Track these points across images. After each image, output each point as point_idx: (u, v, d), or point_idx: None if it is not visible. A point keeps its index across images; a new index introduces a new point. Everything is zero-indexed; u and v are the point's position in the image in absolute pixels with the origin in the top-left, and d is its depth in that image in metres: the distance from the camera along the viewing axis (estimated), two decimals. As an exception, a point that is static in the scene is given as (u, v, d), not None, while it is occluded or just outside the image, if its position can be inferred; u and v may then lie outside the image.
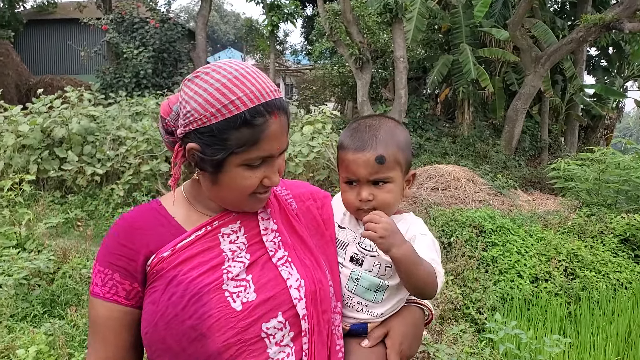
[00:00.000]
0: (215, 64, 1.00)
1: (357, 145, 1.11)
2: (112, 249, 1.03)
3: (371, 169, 1.10)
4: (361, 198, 1.11)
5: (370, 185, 1.11)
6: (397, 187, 1.13)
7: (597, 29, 10.34)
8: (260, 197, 1.05)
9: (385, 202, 1.12)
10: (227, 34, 42.51)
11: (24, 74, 16.54)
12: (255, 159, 0.98)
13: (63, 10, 18.88)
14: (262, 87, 0.97)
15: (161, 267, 0.99)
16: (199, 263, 0.99)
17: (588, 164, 7.37)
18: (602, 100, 14.63)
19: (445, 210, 6.09)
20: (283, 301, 0.99)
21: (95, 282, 1.02)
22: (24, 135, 7.28)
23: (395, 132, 1.14)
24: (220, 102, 0.94)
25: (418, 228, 1.15)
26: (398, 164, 1.12)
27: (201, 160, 0.98)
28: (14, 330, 3.43)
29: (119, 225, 1.06)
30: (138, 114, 9.42)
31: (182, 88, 1.00)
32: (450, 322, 4.06)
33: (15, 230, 5.02)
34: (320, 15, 12.38)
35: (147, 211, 1.08)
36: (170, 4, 16.14)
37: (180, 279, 0.97)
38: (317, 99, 17.71)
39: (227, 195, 1.03)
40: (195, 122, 0.96)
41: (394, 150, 1.11)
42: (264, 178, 1.02)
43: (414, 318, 1.17)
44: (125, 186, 7.14)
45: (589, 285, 4.89)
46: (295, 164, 7.40)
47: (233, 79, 0.95)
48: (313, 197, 1.24)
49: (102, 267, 1.02)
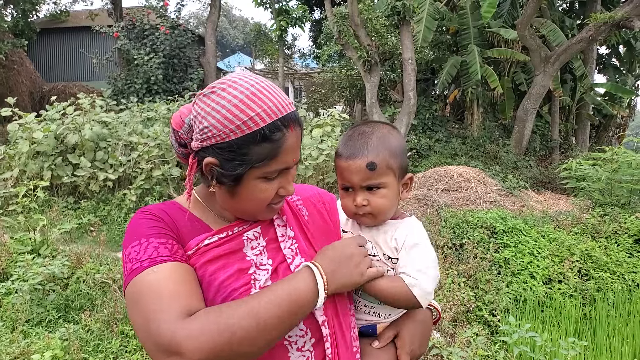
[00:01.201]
0: (230, 78, 1.01)
1: (350, 153, 1.14)
2: (155, 225, 1.00)
3: (363, 175, 1.13)
4: (356, 204, 1.15)
5: (364, 191, 1.14)
6: (391, 192, 1.16)
7: (606, 28, 10.23)
8: (274, 207, 1.07)
9: (379, 207, 1.15)
10: (236, 38, 42.74)
11: (38, 82, 16.78)
12: (273, 172, 1.01)
13: (75, 19, 19.13)
14: (278, 101, 0.99)
15: (191, 263, 0.99)
16: (224, 264, 1.00)
17: (600, 163, 7.29)
18: (613, 99, 14.47)
19: (456, 212, 6.06)
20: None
21: (157, 253, 0.95)
22: (38, 142, 7.39)
23: (388, 139, 1.17)
24: (239, 118, 0.95)
25: (415, 237, 1.16)
26: (390, 170, 1.15)
27: (220, 174, 0.99)
28: (29, 335, 3.47)
29: (151, 211, 1.04)
30: (149, 119, 9.51)
31: (196, 102, 1.01)
32: (463, 324, 4.03)
33: (30, 236, 5.09)
34: (328, 19, 12.41)
35: (169, 205, 1.09)
36: (179, 10, 16.29)
37: (209, 279, 0.98)
38: (326, 101, 17.74)
39: (244, 206, 1.04)
40: (214, 138, 0.97)
41: (385, 156, 1.14)
42: (280, 188, 1.04)
43: (422, 318, 1.20)
44: (137, 191, 7.21)
45: (603, 287, 4.82)
46: (305, 166, 7.43)
47: (251, 95, 0.96)
48: (322, 199, 1.26)
49: (158, 239, 0.97)
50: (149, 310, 0.88)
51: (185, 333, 0.84)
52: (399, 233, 1.16)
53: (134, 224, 1.02)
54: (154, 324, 0.86)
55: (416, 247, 1.14)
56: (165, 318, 0.86)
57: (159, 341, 0.85)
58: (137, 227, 1.01)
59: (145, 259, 0.94)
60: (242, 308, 0.89)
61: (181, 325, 0.85)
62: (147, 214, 1.04)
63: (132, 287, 0.93)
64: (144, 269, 0.92)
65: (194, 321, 0.86)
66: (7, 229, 5.92)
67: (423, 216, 6.32)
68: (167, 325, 0.85)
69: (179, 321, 0.86)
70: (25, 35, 15.68)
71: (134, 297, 0.92)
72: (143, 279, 0.91)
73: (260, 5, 15.62)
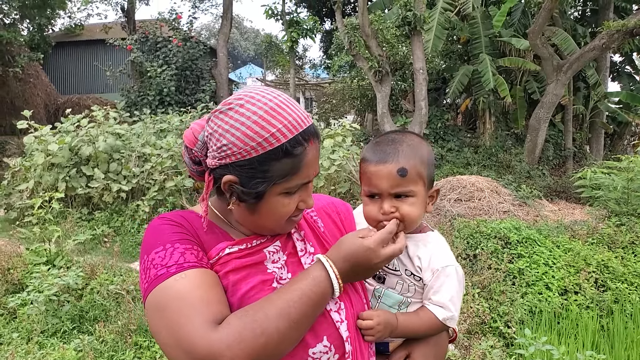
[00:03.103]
0: (247, 94, 0.98)
1: (379, 158, 1.10)
2: (179, 231, 0.99)
3: (393, 181, 1.08)
4: (383, 211, 1.09)
5: (392, 198, 1.09)
6: (420, 202, 1.11)
7: (620, 36, 10.16)
8: (294, 220, 1.06)
9: (408, 215, 1.09)
10: (247, 50, 43.17)
11: (53, 94, 17.07)
12: (295, 186, 0.99)
13: (89, 32, 19.48)
14: (297, 115, 0.97)
15: (215, 270, 0.98)
16: (246, 276, 0.99)
17: (616, 172, 7.19)
18: (628, 107, 14.31)
19: (470, 222, 6.01)
20: (327, 325, 1.00)
21: (184, 259, 0.93)
22: (53, 154, 7.49)
23: (419, 147, 1.13)
24: (260, 135, 0.93)
25: (441, 259, 1.13)
26: (420, 178, 1.10)
27: (241, 192, 0.97)
28: (44, 346, 3.50)
29: (172, 218, 1.03)
30: (162, 131, 9.60)
31: (212, 119, 0.99)
32: (478, 336, 3.98)
33: (46, 247, 5.15)
34: (338, 29, 12.48)
35: (187, 213, 1.07)
36: (192, 23, 16.52)
37: (232, 289, 0.96)
38: (337, 112, 17.79)
39: (264, 222, 1.03)
40: (234, 156, 0.95)
41: (416, 163, 1.10)
42: (300, 202, 1.03)
43: (436, 340, 1.16)
44: (150, 202, 7.26)
45: (621, 298, 4.73)
46: (317, 177, 7.43)
47: (270, 111, 0.94)
48: (336, 209, 1.25)
49: (184, 244, 0.96)
50: (179, 317, 0.85)
51: (223, 342, 0.83)
52: (422, 252, 1.14)
53: (155, 230, 0.99)
54: (185, 332, 0.84)
55: (444, 271, 1.11)
56: (197, 326, 0.84)
57: (192, 350, 0.83)
58: (159, 232, 0.98)
59: (172, 265, 0.91)
60: (272, 310, 0.88)
61: (217, 333, 0.83)
62: (167, 220, 1.01)
63: (158, 293, 0.89)
64: (170, 275, 0.90)
65: (228, 328, 0.85)
66: (23, 240, 6.00)
67: (436, 226, 6.27)
68: (202, 334, 0.83)
69: (212, 329, 0.84)
70: (41, 49, 15.99)
71: (160, 304, 0.88)
72: (171, 285, 0.89)
73: (271, 17, 15.75)
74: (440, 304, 1.10)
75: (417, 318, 1.11)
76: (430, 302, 1.12)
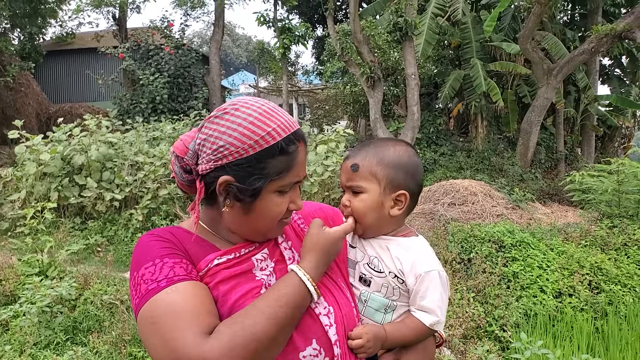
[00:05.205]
0: (239, 100, 1.05)
1: (347, 155, 1.22)
2: (168, 246, 1.02)
3: (347, 175, 1.18)
4: (342, 203, 1.19)
5: (350, 192, 1.18)
6: (371, 200, 1.15)
7: (608, 39, 10.28)
8: (285, 222, 1.10)
9: (356, 210, 1.16)
10: (239, 57, 43.19)
11: (44, 103, 16.95)
12: (288, 184, 1.04)
13: (81, 41, 19.40)
14: (287, 119, 1.05)
15: (205, 282, 1.00)
16: (235, 285, 1.01)
17: (606, 175, 7.25)
18: (618, 110, 14.46)
19: (463, 226, 6.03)
20: (316, 329, 1.03)
21: (173, 273, 0.95)
22: (45, 163, 7.44)
23: (386, 150, 1.18)
24: (257, 133, 0.99)
25: (424, 264, 1.14)
26: (374, 177, 1.15)
27: (238, 190, 1.01)
28: (37, 358, 3.45)
29: (159, 234, 1.05)
30: (155, 139, 9.57)
31: (205, 126, 1.03)
32: (474, 340, 3.98)
33: (38, 258, 5.10)
34: (330, 36, 12.54)
35: (174, 229, 1.10)
36: (184, 30, 16.52)
37: (222, 300, 0.99)
38: (330, 117, 17.85)
39: (258, 223, 1.06)
40: (231, 155, 0.99)
41: (371, 162, 1.16)
42: (290, 203, 1.07)
43: (424, 346, 1.18)
44: (144, 211, 7.22)
45: (615, 300, 4.76)
46: (311, 183, 7.43)
47: (264, 113, 1.02)
48: (325, 214, 1.27)
49: (173, 259, 0.98)
50: (171, 330, 0.87)
51: (215, 351, 0.85)
52: (402, 254, 1.15)
53: (144, 246, 1.02)
54: (178, 343, 0.86)
55: (428, 276, 1.12)
56: (189, 338, 0.86)
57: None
58: (148, 248, 1.01)
59: (162, 279, 0.93)
60: (260, 315, 0.91)
61: (208, 344, 0.86)
62: (155, 236, 1.04)
63: (150, 306, 0.91)
64: (161, 289, 0.92)
65: (219, 337, 0.87)
66: (15, 250, 5.94)
67: (430, 231, 6.29)
68: (194, 345, 0.85)
69: (204, 340, 0.86)
70: (32, 58, 15.89)
71: (152, 318, 0.90)
72: (162, 298, 0.91)
73: (263, 24, 15.79)
74: (426, 309, 1.12)
75: (404, 326, 1.13)
76: (416, 309, 1.13)
